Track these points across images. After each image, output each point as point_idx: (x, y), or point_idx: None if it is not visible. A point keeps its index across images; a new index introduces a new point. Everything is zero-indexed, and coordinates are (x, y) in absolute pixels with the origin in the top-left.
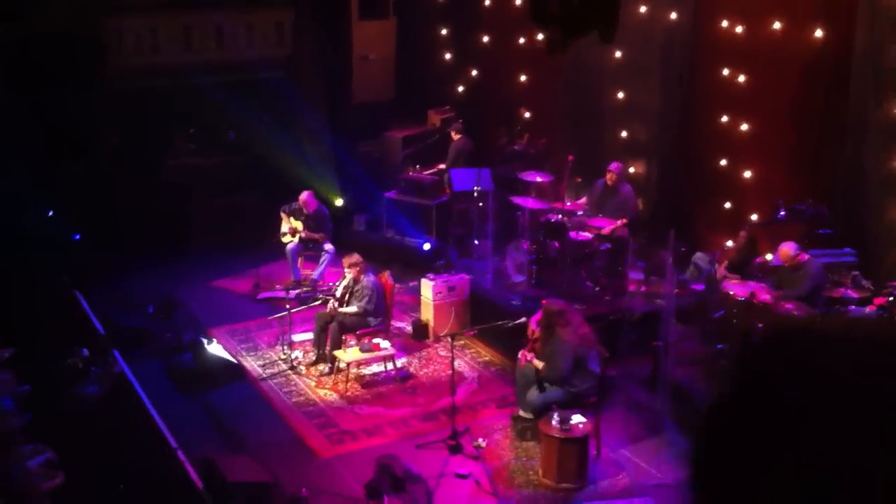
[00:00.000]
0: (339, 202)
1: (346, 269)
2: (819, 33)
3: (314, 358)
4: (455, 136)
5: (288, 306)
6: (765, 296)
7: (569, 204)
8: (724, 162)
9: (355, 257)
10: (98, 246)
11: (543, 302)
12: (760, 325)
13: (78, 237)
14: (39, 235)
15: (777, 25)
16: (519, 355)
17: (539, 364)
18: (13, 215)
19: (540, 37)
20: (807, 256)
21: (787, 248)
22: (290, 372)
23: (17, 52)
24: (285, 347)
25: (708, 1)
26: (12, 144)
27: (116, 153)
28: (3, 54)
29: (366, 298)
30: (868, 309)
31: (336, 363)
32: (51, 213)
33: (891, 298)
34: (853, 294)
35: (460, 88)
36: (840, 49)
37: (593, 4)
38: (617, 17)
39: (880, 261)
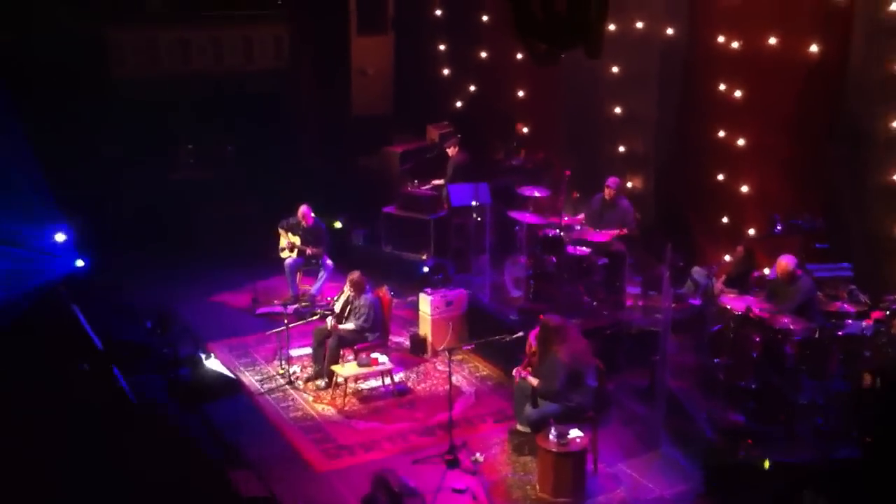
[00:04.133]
0: (337, 224)
1: (346, 286)
2: (815, 48)
3: (312, 373)
4: (452, 151)
5: (286, 321)
6: (761, 310)
7: (566, 219)
8: (721, 176)
9: (357, 275)
10: (96, 258)
11: (541, 317)
12: (757, 339)
13: (82, 265)
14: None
15: (773, 40)
16: (514, 373)
17: (534, 381)
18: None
19: (519, 56)
20: (800, 272)
21: (787, 262)
22: (287, 387)
23: (21, 55)
24: (283, 362)
25: (704, 16)
26: (14, 150)
27: (116, 163)
28: (7, 58)
29: (363, 317)
30: (865, 323)
31: (334, 378)
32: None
33: (888, 312)
34: (850, 308)
35: (458, 103)
36: (836, 63)
37: (578, 21)
38: (602, 34)
39: (877, 274)
